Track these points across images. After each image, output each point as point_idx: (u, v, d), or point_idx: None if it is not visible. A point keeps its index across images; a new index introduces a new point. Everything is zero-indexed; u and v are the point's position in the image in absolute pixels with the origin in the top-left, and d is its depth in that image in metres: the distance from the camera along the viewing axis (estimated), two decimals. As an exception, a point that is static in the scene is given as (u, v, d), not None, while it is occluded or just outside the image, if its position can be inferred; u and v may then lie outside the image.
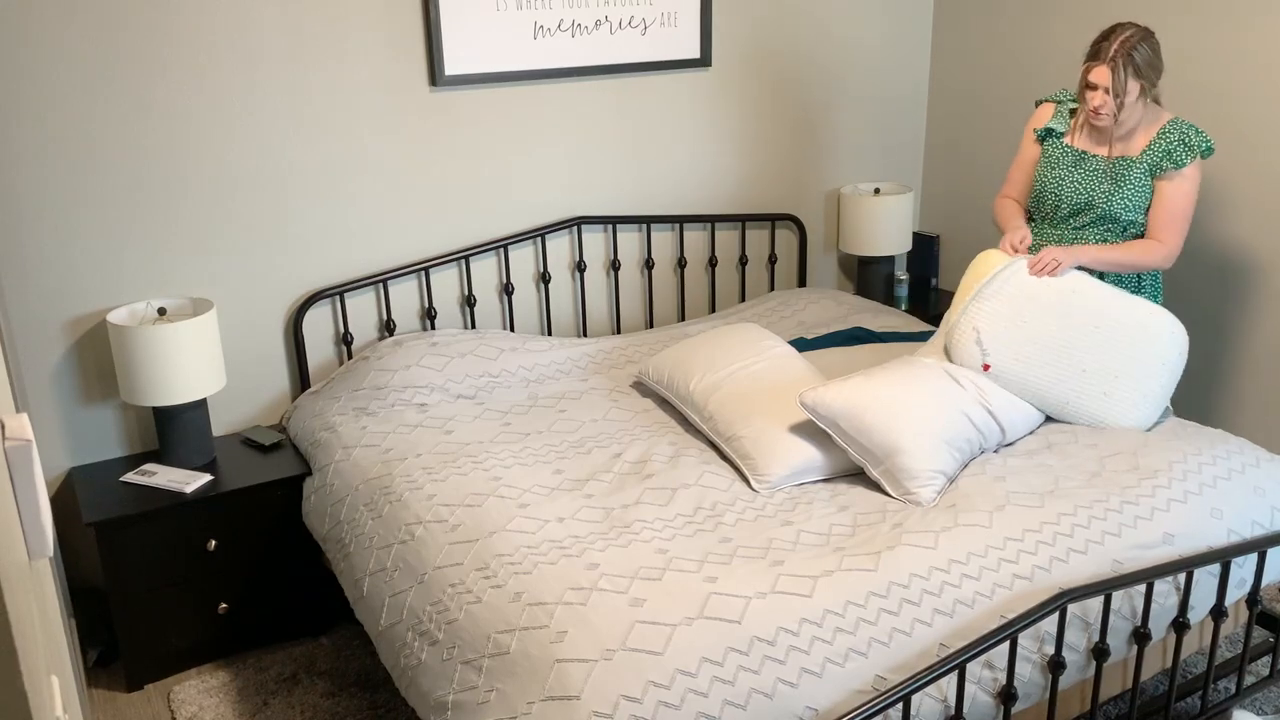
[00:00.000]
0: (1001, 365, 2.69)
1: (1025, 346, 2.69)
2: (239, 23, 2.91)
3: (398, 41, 3.15)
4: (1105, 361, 2.69)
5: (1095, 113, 2.73)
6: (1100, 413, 2.71)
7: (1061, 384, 2.70)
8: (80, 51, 2.75)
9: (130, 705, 2.80)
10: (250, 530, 2.88)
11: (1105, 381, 2.70)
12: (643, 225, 3.71)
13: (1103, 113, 2.71)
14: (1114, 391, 2.70)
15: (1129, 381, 2.70)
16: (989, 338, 2.70)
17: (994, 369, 2.67)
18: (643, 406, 2.99)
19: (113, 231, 2.90)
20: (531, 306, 3.59)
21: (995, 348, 2.69)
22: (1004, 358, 2.69)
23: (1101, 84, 2.67)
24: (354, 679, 2.83)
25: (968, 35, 4.00)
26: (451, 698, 2.01)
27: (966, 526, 2.28)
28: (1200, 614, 2.40)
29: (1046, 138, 2.93)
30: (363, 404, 2.98)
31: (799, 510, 2.41)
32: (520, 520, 2.36)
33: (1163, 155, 2.74)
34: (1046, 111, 2.96)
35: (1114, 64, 2.64)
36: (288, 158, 3.08)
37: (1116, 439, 2.65)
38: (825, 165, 4.05)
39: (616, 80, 3.53)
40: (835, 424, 2.50)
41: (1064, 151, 2.88)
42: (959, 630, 2.08)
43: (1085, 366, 2.69)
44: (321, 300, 3.21)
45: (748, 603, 2.03)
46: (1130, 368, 2.70)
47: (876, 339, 3.35)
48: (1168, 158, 2.73)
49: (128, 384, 2.80)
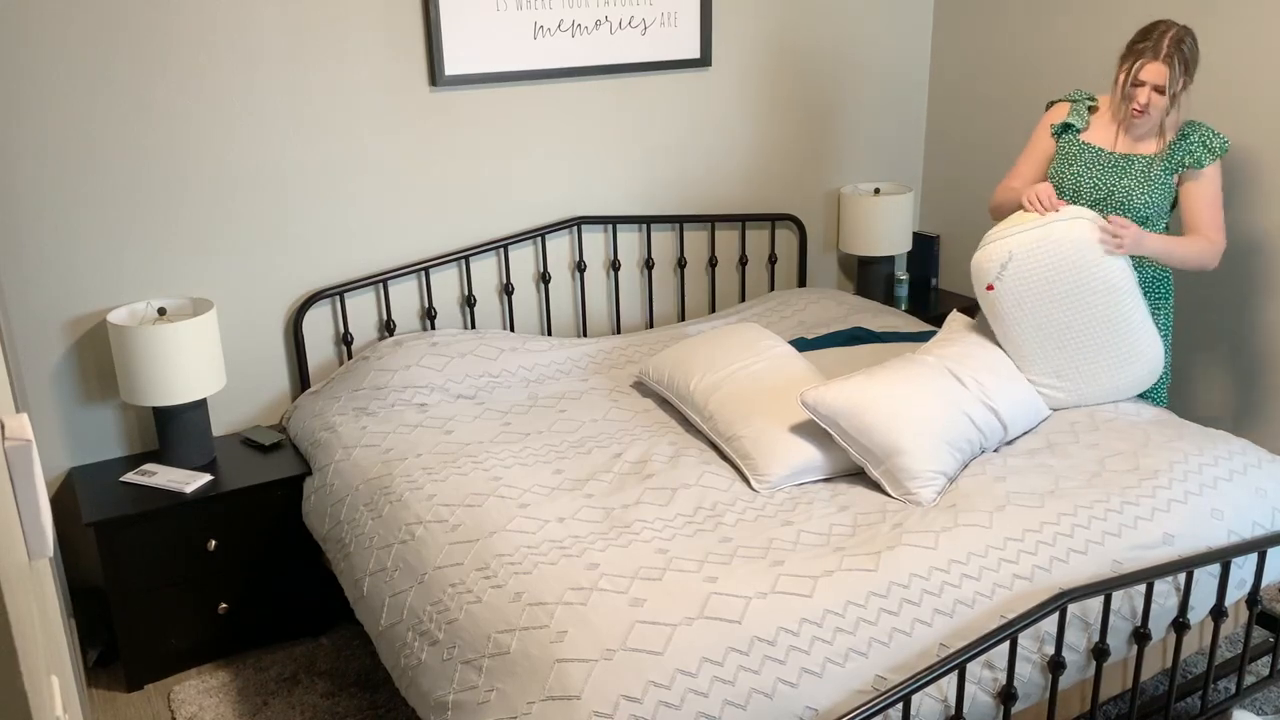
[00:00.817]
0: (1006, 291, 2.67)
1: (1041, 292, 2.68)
2: (239, 22, 2.91)
3: (398, 41, 3.15)
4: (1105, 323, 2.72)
5: (1141, 111, 2.70)
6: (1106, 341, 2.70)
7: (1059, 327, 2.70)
8: (80, 51, 2.75)
9: (130, 705, 2.80)
10: (250, 530, 2.88)
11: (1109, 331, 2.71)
12: (643, 225, 3.71)
13: (1151, 111, 2.69)
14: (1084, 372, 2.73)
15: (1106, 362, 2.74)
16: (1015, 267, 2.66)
17: (996, 291, 2.64)
18: (643, 406, 2.99)
19: (113, 231, 2.90)
20: (531, 306, 3.59)
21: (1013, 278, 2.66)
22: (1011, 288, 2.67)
23: (1154, 81, 2.65)
24: (354, 679, 2.83)
25: (968, 35, 4.00)
26: (452, 698, 2.01)
27: (967, 526, 2.28)
28: (1200, 614, 2.40)
29: (1063, 133, 2.92)
30: (363, 404, 2.98)
31: (799, 510, 2.41)
32: (520, 520, 2.36)
33: (1184, 155, 2.75)
34: (1062, 109, 2.96)
35: (1169, 61, 2.63)
36: (288, 158, 3.08)
37: (1117, 439, 2.65)
38: (825, 165, 4.05)
39: (616, 80, 3.53)
40: (836, 423, 2.50)
41: (1080, 148, 2.87)
42: (959, 630, 2.08)
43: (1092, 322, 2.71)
44: (321, 300, 3.21)
45: (748, 603, 2.03)
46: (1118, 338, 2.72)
47: (876, 339, 3.35)
48: (1189, 157, 2.74)
49: (128, 384, 2.80)
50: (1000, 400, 2.64)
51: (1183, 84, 2.66)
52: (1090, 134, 2.88)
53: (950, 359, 2.71)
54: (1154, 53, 2.64)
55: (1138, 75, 2.67)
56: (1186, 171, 2.76)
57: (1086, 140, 2.88)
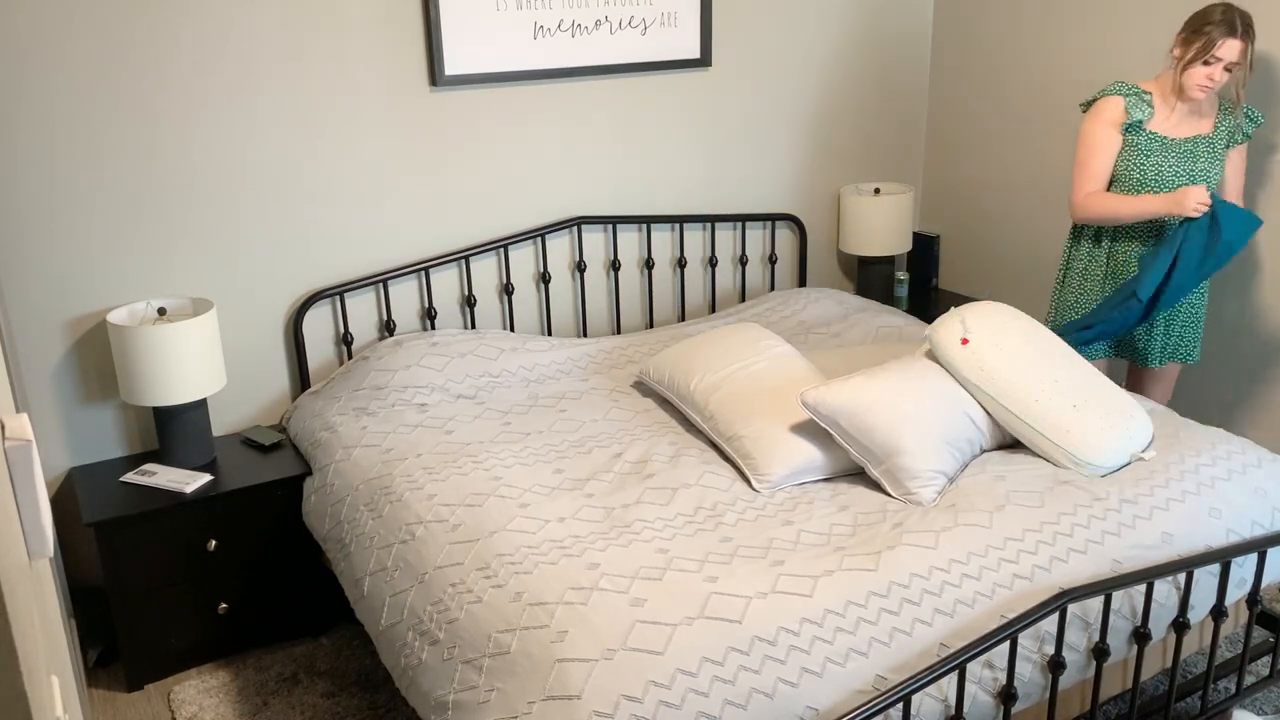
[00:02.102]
0: (979, 346, 2.62)
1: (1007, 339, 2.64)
2: (239, 23, 2.91)
3: (398, 42, 3.15)
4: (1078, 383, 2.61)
5: (1206, 87, 2.83)
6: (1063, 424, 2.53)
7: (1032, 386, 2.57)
8: (81, 52, 2.75)
9: (130, 705, 2.80)
10: (250, 530, 2.88)
11: (1076, 395, 2.58)
12: (643, 225, 3.71)
13: (1207, 88, 2.83)
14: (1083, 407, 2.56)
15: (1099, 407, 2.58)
16: (974, 322, 2.67)
17: (971, 345, 2.63)
18: (643, 406, 2.99)
19: (113, 231, 2.90)
20: (531, 306, 3.59)
21: (978, 331, 2.65)
22: (983, 342, 2.63)
23: (1229, 58, 2.79)
24: (354, 679, 2.83)
25: (968, 35, 4.00)
26: (452, 697, 2.01)
27: (967, 526, 2.28)
28: (1200, 614, 2.40)
29: (1130, 129, 2.96)
30: (363, 404, 2.98)
31: (799, 510, 2.41)
32: (521, 520, 2.36)
33: (1233, 129, 2.95)
34: (1117, 105, 2.97)
35: (1245, 38, 2.77)
36: (288, 157, 3.08)
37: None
38: (825, 165, 4.05)
39: (616, 80, 3.53)
40: (836, 423, 2.50)
41: (1150, 138, 2.95)
42: (959, 630, 2.08)
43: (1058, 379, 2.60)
44: (321, 300, 3.21)
45: (748, 602, 2.03)
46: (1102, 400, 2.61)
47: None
48: (1239, 130, 2.95)
49: (128, 384, 2.80)
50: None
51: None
52: (1155, 123, 2.97)
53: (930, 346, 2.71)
54: (1229, 30, 2.76)
55: (1215, 53, 2.79)
56: (1238, 143, 2.97)
57: (1154, 130, 2.95)
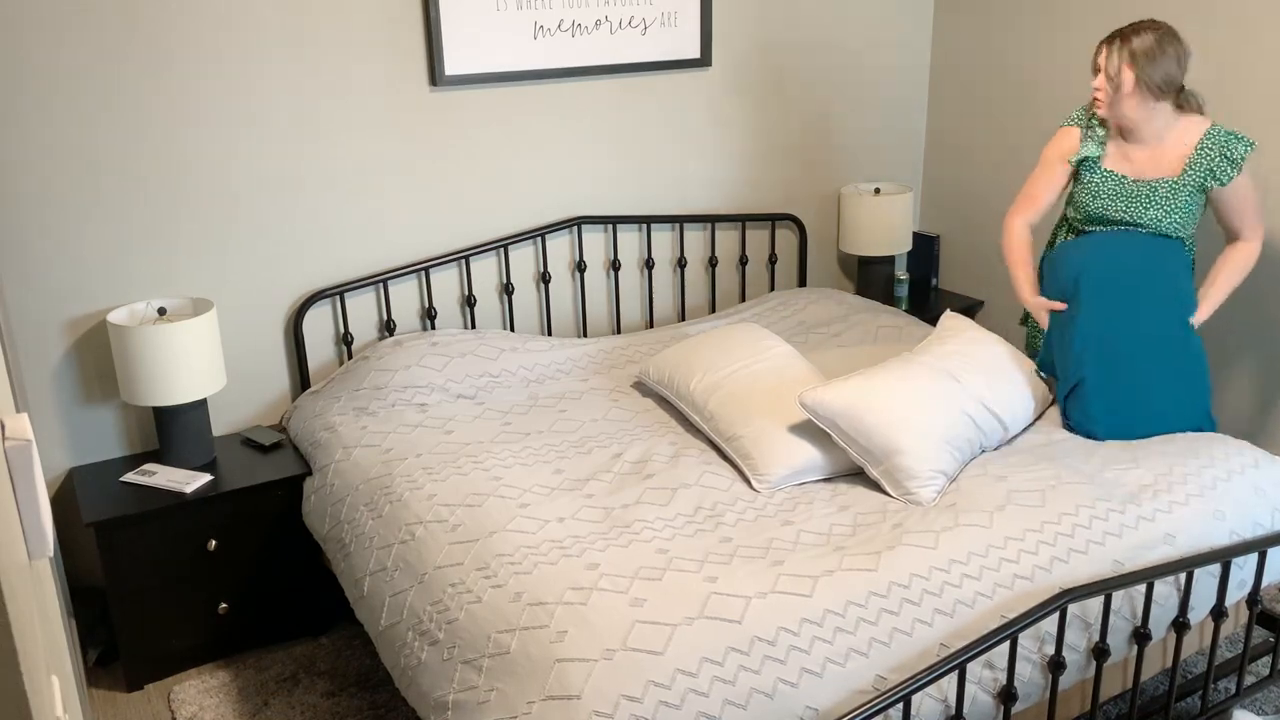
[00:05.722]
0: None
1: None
2: (239, 23, 2.91)
3: (398, 41, 3.15)
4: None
5: (1096, 99, 2.73)
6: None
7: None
8: (82, 52, 2.75)
9: (130, 705, 2.80)
10: (250, 530, 2.88)
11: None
12: (643, 225, 3.71)
13: (1098, 99, 2.72)
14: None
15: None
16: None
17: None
18: (643, 406, 2.99)
19: (113, 231, 2.90)
20: (531, 306, 3.59)
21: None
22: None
23: (1101, 64, 2.68)
24: (354, 679, 2.83)
25: (968, 35, 4.00)
26: (452, 697, 2.01)
27: (967, 526, 2.28)
28: (1200, 614, 2.40)
29: (1083, 165, 2.83)
30: (363, 404, 2.98)
31: (799, 510, 2.41)
32: (520, 520, 2.36)
33: (1205, 175, 2.68)
34: (1073, 136, 2.86)
35: (1110, 45, 2.65)
36: (288, 157, 3.08)
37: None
38: (825, 165, 4.05)
39: (616, 80, 3.53)
40: (835, 424, 2.50)
41: (1104, 178, 2.78)
42: (959, 630, 2.08)
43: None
44: (321, 300, 3.21)
45: (748, 602, 2.03)
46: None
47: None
48: (1211, 177, 2.68)
49: (128, 384, 2.80)
50: (999, 400, 2.64)
51: (1133, 80, 2.62)
52: (1110, 160, 2.80)
53: (948, 359, 2.71)
54: (1108, 38, 2.67)
55: (1097, 60, 2.71)
56: (1213, 187, 2.70)
57: (1109, 168, 2.79)
